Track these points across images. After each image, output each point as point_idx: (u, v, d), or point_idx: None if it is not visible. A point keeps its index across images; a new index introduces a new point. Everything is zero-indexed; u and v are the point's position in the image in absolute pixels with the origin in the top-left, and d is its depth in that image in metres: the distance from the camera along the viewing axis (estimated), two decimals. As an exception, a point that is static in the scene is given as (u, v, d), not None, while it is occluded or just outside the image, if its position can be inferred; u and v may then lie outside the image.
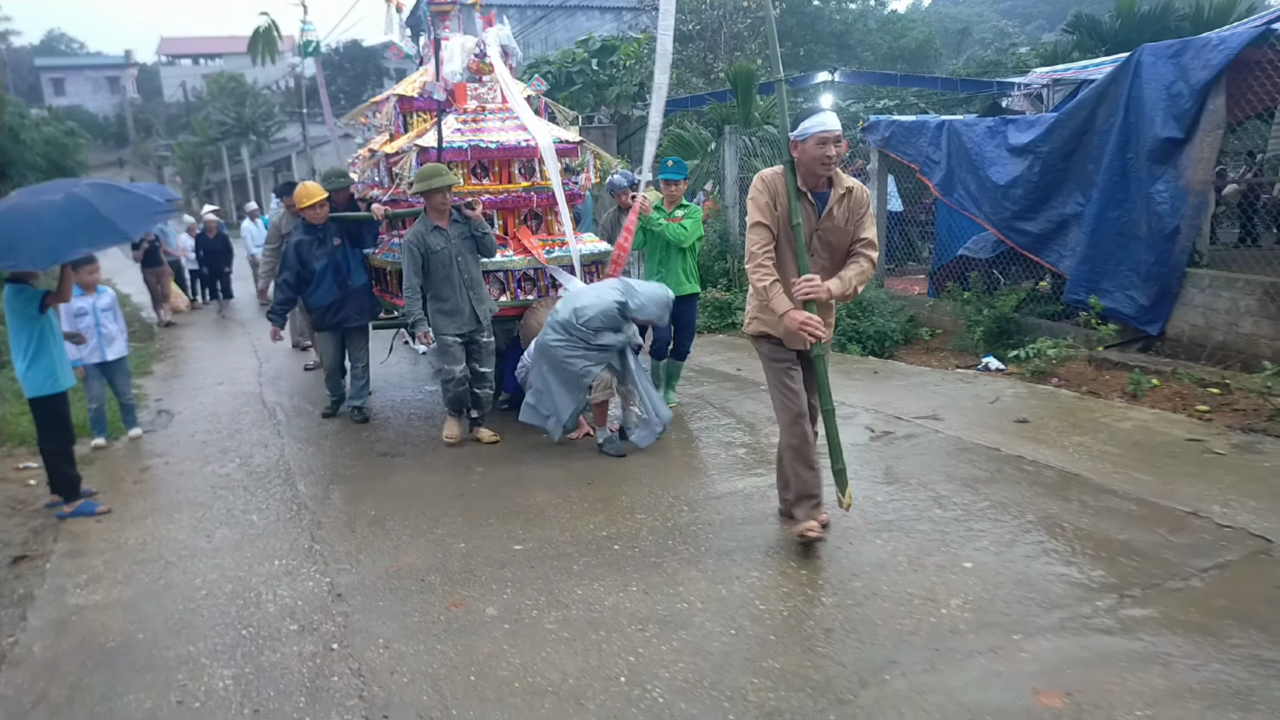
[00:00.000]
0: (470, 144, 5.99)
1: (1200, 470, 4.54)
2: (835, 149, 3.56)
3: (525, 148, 6.11)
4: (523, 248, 6.16)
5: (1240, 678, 2.79)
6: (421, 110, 6.73)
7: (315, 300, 6.37)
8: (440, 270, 5.50)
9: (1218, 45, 5.94)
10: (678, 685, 2.93)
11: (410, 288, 5.48)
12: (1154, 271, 6.42)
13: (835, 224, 3.70)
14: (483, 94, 6.48)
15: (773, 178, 3.68)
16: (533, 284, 6.19)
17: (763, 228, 3.67)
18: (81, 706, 3.00)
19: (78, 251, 4.50)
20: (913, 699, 2.79)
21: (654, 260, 6.16)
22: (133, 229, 4.65)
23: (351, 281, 6.38)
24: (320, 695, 2.99)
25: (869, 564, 3.74)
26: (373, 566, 4.02)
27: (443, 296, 5.54)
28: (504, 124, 6.30)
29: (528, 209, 6.31)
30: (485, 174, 6.22)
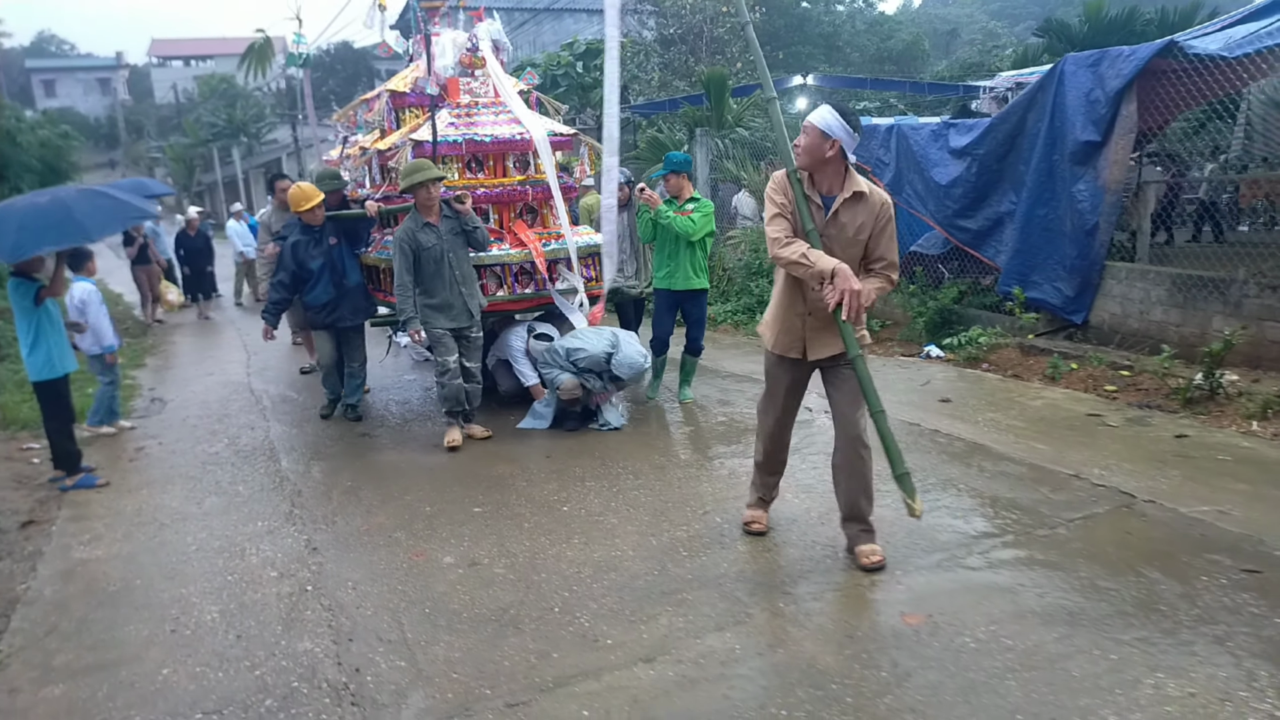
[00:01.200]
0: (465, 138, 6.02)
1: (1091, 440, 5.06)
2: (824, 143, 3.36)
3: (520, 141, 6.15)
4: (519, 241, 6.19)
5: (1075, 602, 3.30)
6: (414, 105, 6.74)
7: (311, 299, 6.36)
8: (431, 266, 5.51)
9: (1129, 56, 6.46)
10: (603, 613, 3.42)
11: (401, 285, 5.47)
12: (1077, 265, 6.94)
13: (843, 231, 3.44)
14: (475, 88, 6.49)
15: (781, 179, 3.54)
16: (529, 278, 6.19)
17: (783, 219, 3.48)
18: (88, 635, 3.47)
19: (42, 249, 4.95)
20: (798, 620, 3.29)
21: (662, 254, 6.12)
22: (96, 231, 5.13)
23: (347, 281, 6.36)
24: (295, 625, 3.47)
25: (784, 519, 4.23)
26: (346, 527, 4.49)
27: (433, 293, 5.55)
28: (497, 118, 6.33)
29: (523, 202, 6.36)
30: (480, 168, 6.23)
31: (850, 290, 3.27)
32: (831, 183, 3.46)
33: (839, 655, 3.04)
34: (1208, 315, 6.18)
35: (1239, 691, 2.70)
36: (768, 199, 3.56)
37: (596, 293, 6.30)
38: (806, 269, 3.35)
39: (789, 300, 3.62)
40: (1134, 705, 2.66)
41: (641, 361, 5.75)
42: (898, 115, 19.49)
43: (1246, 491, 4.22)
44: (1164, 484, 4.35)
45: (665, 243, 6.04)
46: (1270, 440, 4.89)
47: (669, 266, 6.06)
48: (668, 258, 6.06)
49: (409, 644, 3.27)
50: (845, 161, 3.45)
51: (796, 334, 3.61)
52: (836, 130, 3.34)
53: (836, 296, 3.28)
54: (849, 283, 3.27)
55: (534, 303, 6.32)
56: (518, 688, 2.94)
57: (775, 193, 3.52)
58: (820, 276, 3.33)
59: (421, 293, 5.56)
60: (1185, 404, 5.45)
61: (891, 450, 3.49)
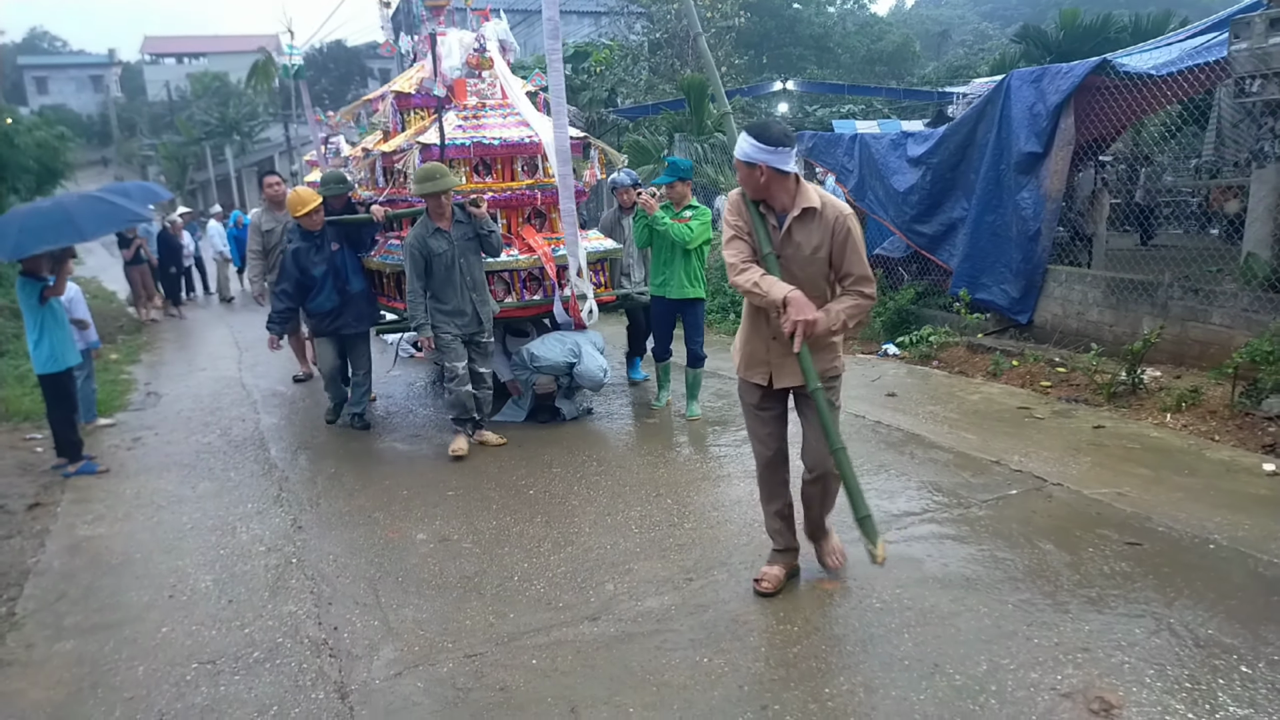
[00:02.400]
0: (473, 140, 5.95)
1: (1017, 431, 5.49)
2: (753, 171, 3.21)
3: (528, 144, 6.06)
4: (527, 246, 6.13)
5: (973, 570, 3.73)
6: (419, 107, 6.66)
7: (314, 306, 6.23)
8: (442, 273, 5.41)
9: (1067, 73, 6.90)
10: (557, 581, 3.83)
11: (413, 291, 5.38)
12: (1022, 268, 7.38)
13: (799, 250, 3.25)
14: (482, 90, 6.40)
15: (737, 199, 3.35)
16: (538, 283, 6.15)
17: (740, 241, 3.28)
18: (94, 600, 3.87)
19: (39, 248, 5.33)
20: (730, 586, 3.70)
21: (658, 261, 6.03)
22: (91, 231, 5.58)
23: (350, 287, 6.21)
24: (280, 591, 3.87)
25: (728, 501, 4.66)
26: (329, 508, 4.90)
27: (444, 299, 5.47)
28: (505, 120, 6.25)
29: (531, 207, 6.30)
30: (488, 171, 6.14)
31: (804, 321, 3.04)
32: (783, 201, 3.25)
33: (761, 615, 3.45)
34: (1138, 316, 6.62)
35: (1098, 644, 3.12)
36: (724, 221, 3.37)
37: (607, 299, 6.39)
38: (760, 297, 3.16)
39: (754, 324, 3.44)
40: (1005, 653, 3.09)
41: (600, 375, 6.05)
42: (881, 119, 20.00)
43: (1146, 476, 4.65)
44: (1074, 469, 4.79)
45: (661, 250, 5.97)
46: (1179, 431, 5.33)
47: (665, 274, 5.99)
48: (663, 265, 5.99)
49: (382, 607, 3.67)
50: (788, 178, 3.23)
51: (762, 359, 3.43)
52: (756, 155, 3.16)
53: (789, 327, 3.07)
54: (801, 312, 3.05)
55: (542, 309, 6.31)
56: (476, 641, 3.35)
57: (731, 214, 3.34)
58: (773, 306, 3.14)
59: (432, 298, 5.47)
60: (1109, 398, 5.89)
61: (853, 491, 3.31)
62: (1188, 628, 3.19)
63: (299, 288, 6.15)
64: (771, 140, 3.15)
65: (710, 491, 4.83)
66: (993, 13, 65.67)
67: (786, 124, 3.84)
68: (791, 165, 3.21)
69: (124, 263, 13.01)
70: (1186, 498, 4.35)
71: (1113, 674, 2.93)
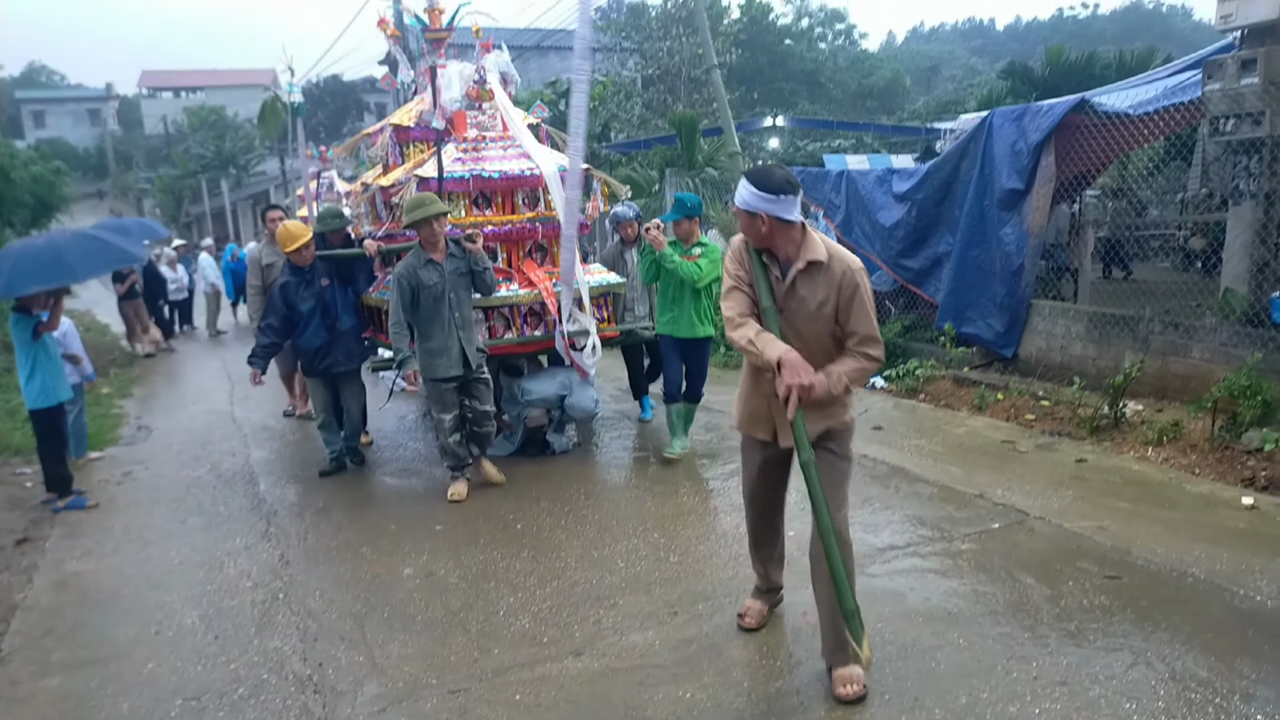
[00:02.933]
0: (472, 173, 5.86)
1: (1001, 464, 5.55)
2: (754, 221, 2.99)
3: (529, 177, 5.97)
4: (528, 281, 6.00)
5: (954, 604, 3.76)
6: (419, 140, 6.59)
7: (302, 344, 6.05)
8: (430, 306, 5.22)
9: (1047, 112, 7.05)
10: (542, 615, 3.86)
11: (396, 323, 5.22)
12: (1006, 302, 7.48)
13: (804, 305, 3.01)
14: (483, 122, 6.32)
15: (739, 247, 3.14)
16: (539, 319, 6.02)
17: (739, 293, 3.09)
18: (80, 636, 3.88)
19: (31, 288, 5.40)
20: (713, 620, 3.73)
21: (665, 298, 5.87)
22: (84, 272, 5.75)
23: (339, 324, 6.02)
24: (267, 627, 3.89)
25: (714, 535, 4.69)
26: (317, 543, 4.91)
27: (430, 335, 5.27)
28: (506, 152, 6.17)
29: (533, 240, 6.19)
30: (488, 204, 6.05)
31: (799, 385, 2.84)
32: (788, 251, 3.03)
33: (744, 649, 3.48)
34: (1120, 350, 6.71)
35: (1075, 677, 3.16)
36: (724, 270, 3.20)
37: (610, 334, 6.29)
38: (755, 355, 2.98)
39: (755, 378, 3.23)
40: (984, 687, 3.12)
41: (592, 406, 6.17)
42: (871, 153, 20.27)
43: (1127, 510, 4.71)
44: (1056, 503, 4.84)
45: (669, 287, 5.79)
46: (1160, 464, 5.40)
47: (673, 312, 5.82)
48: (671, 303, 5.82)
49: (367, 642, 3.69)
50: (793, 227, 2.99)
51: (763, 415, 3.22)
52: (757, 204, 2.94)
53: (783, 391, 2.87)
54: (796, 375, 2.84)
55: (543, 345, 6.14)
56: (460, 677, 3.37)
57: (732, 263, 3.14)
58: (768, 366, 2.95)
59: (419, 335, 5.30)
60: (1092, 432, 5.96)
61: (839, 579, 2.93)
62: (1164, 661, 3.23)
63: (285, 323, 5.97)
64: (773, 188, 2.93)
65: (696, 525, 4.87)
66: (982, 48, 66.84)
67: (785, 166, 3.63)
68: (796, 214, 2.98)
69: (118, 297, 13.06)
70: (1166, 531, 4.40)
71: (1090, 708, 2.96)
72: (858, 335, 3.02)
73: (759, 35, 41.33)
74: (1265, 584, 3.78)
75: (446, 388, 5.32)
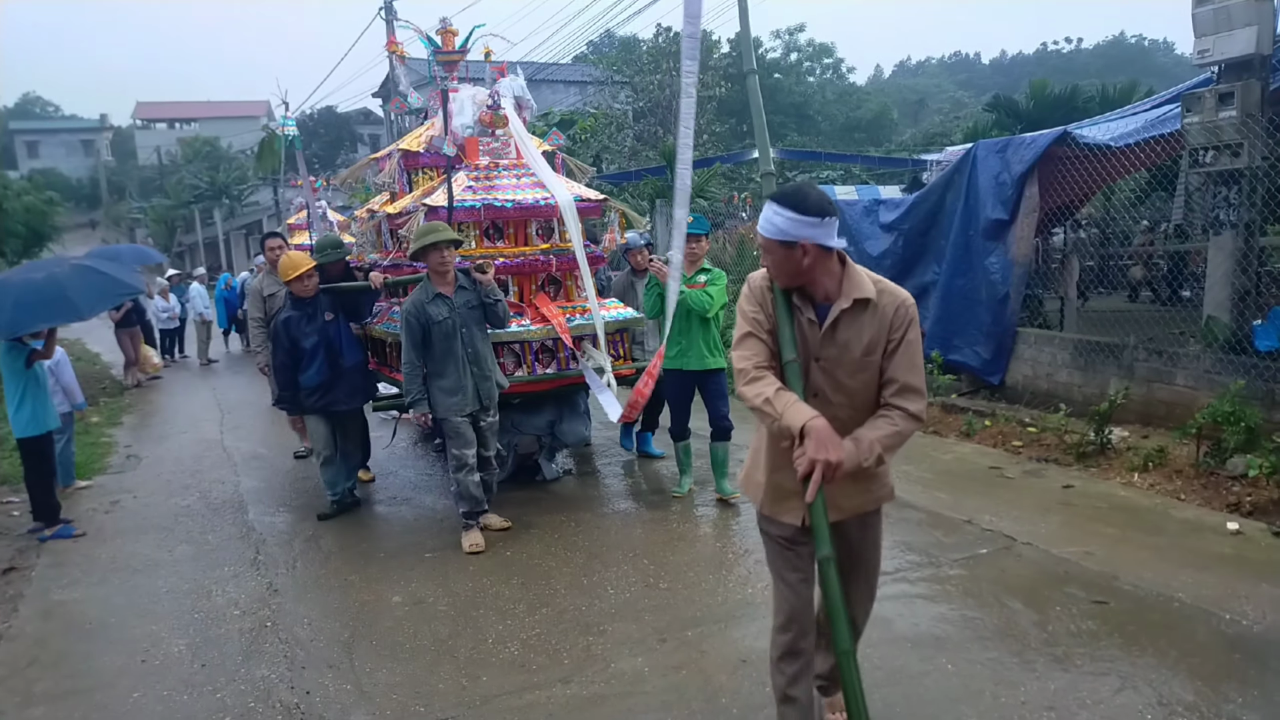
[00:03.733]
0: (483, 202, 5.59)
1: (988, 490, 5.58)
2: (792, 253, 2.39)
3: (543, 207, 5.71)
4: (540, 316, 5.71)
5: (942, 629, 3.78)
6: (428, 167, 6.33)
7: (304, 381, 5.67)
8: (442, 343, 4.93)
9: (1030, 144, 7.19)
10: (531, 642, 3.85)
11: (409, 364, 4.95)
12: (992, 331, 7.56)
13: (846, 352, 2.46)
14: (496, 149, 6.05)
15: (760, 285, 2.55)
16: (551, 356, 5.77)
17: (755, 341, 2.51)
18: (66, 666, 3.85)
19: (36, 326, 5.48)
20: (701, 646, 3.73)
21: (674, 329, 5.52)
22: (88, 310, 5.71)
23: (344, 360, 5.69)
24: (254, 655, 3.87)
25: (703, 560, 4.70)
26: (305, 571, 4.90)
27: (442, 373, 4.97)
28: (519, 181, 5.91)
29: (546, 273, 5.89)
30: (499, 236, 5.80)
31: (825, 461, 2.24)
32: (827, 288, 2.46)
33: (732, 676, 3.48)
34: (1105, 377, 6.77)
35: (1063, 702, 3.17)
36: (739, 311, 2.58)
37: (625, 372, 5.93)
38: (772, 420, 2.38)
39: (777, 446, 2.55)
40: (972, 712, 3.13)
41: (584, 433, 6.17)
42: (859, 184, 20.51)
43: (1114, 535, 4.74)
44: (1043, 528, 4.87)
45: (678, 317, 5.44)
46: (1146, 490, 5.43)
47: (680, 344, 5.52)
48: (679, 334, 5.50)
49: (355, 670, 3.67)
50: (831, 257, 2.43)
51: (792, 490, 2.48)
52: (795, 230, 2.35)
53: (804, 467, 2.27)
54: (824, 450, 2.25)
55: (555, 383, 5.86)
56: (448, 705, 3.36)
57: (748, 304, 2.55)
58: (788, 435, 2.35)
59: (431, 373, 5.01)
60: (1078, 458, 6.00)
61: (852, 701, 2.35)
62: (1151, 685, 3.24)
63: (293, 358, 5.64)
64: (813, 209, 2.35)
65: (686, 551, 4.87)
66: (968, 81, 67.94)
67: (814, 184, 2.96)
68: (836, 240, 2.41)
69: (114, 325, 13.04)
70: (1153, 556, 4.43)
71: (1076, 730, 2.98)
72: (897, 384, 2.43)
73: (749, 69, 41.93)
74: (1251, 609, 3.80)
75: (463, 422, 5.03)
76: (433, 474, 6.78)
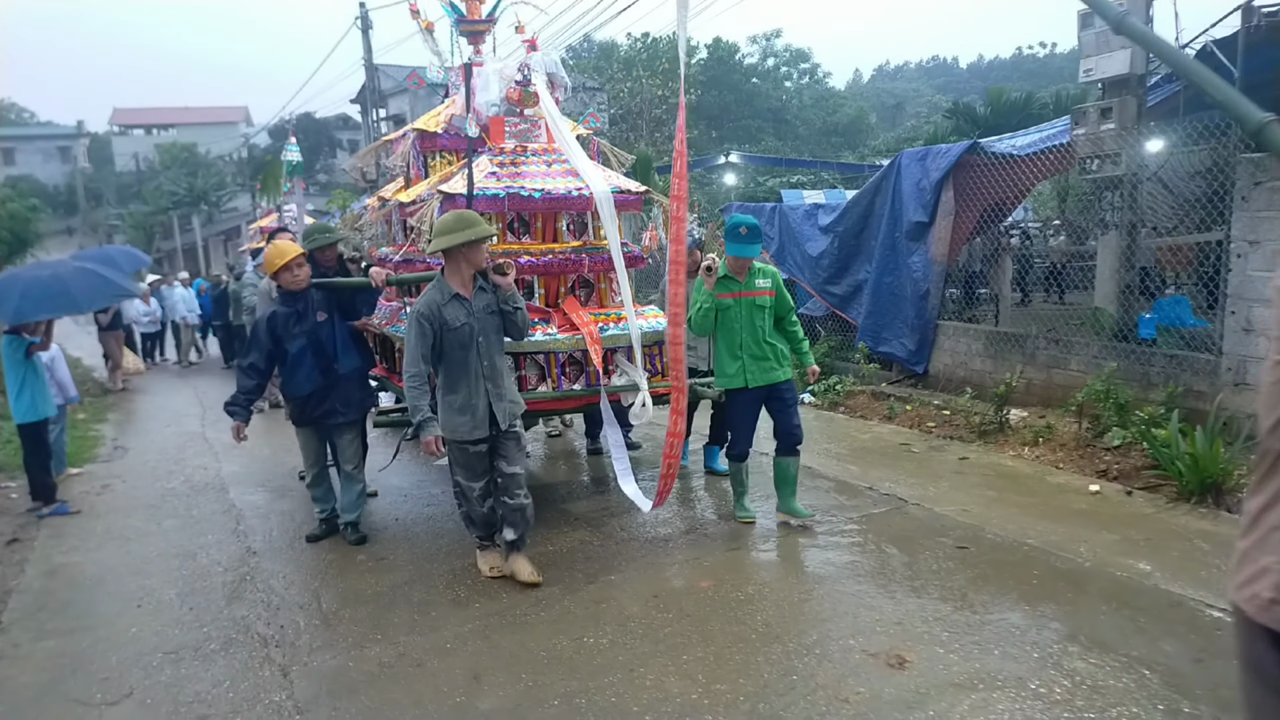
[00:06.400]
0: (508, 191, 4.96)
1: (894, 463, 6.27)
2: None
3: (576, 198, 5.08)
4: (569, 324, 5.02)
5: (826, 570, 4.44)
6: (447, 150, 5.67)
7: (291, 389, 5.04)
8: (456, 352, 4.20)
9: (945, 153, 7.89)
10: (478, 585, 4.46)
11: (415, 375, 4.14)
12: (916, 324, 8.26)
13: None
14: (524, 130, 5.41)
15: None
16: (580, 370, 5.04)
17: None
18: (71, 611, 4.44)
19: (39, 315, 6.09)
20: (622, 586, 4.36)
21: (730, 342, 4.87)
22: (86, 305, 6.43)
23: (338, 366, 5.00)
24: (235, 600, 4.47)
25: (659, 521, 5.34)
26: (280, 539, 5.49)
27: (453, 388, 4.25)
28: (550, 168, 5.26)
29: (577, 275, 5.27)
30: (525, 230, 5.17)
31: None
32: None
33: (644, 607, 4.11)
34: (1013, 364, 7.47)
35: (910, 619, 3.83)
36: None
37: (661, 391, 5.15)
38: None
39: None
40: (835, 628, 3.78)
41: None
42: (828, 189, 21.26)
43: (992, 496, 5.43)
44: (933, 492, 5.55)
45: (733, 331, 4.84)
46: (1031, 461, 6.14)
47: (741, 359, 4.85)
48: (737, 348, 4.85)
49: (323, 611, 4.28)
50: None
51: None
52: None
53: None
54: None
55: (583, 401, 5.18)
56: (400, 634, 3.98)
57: None
58: None
59: (440, 386, 4.30)
60: (980, 435, 6.70)
61: None
62: (985, 606, 3.91)
63: (270, 362, 5.01)
64: None
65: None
66: (946, 86, 68.96)
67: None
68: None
69: (99, 328, 13.51)
70: (1018, 513, 5.12)
71: (915, 639, 3.64)
72: None
73: (726, 74, 42.74)
74: (1085, 550, 4.49)
75: (474, 450, 4.31)
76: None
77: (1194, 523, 4.84)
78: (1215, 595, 3.86)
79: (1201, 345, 6.25)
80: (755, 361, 4.86)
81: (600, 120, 6.08)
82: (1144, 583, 4.09)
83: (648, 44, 34.88)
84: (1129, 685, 3.20)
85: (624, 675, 3.47)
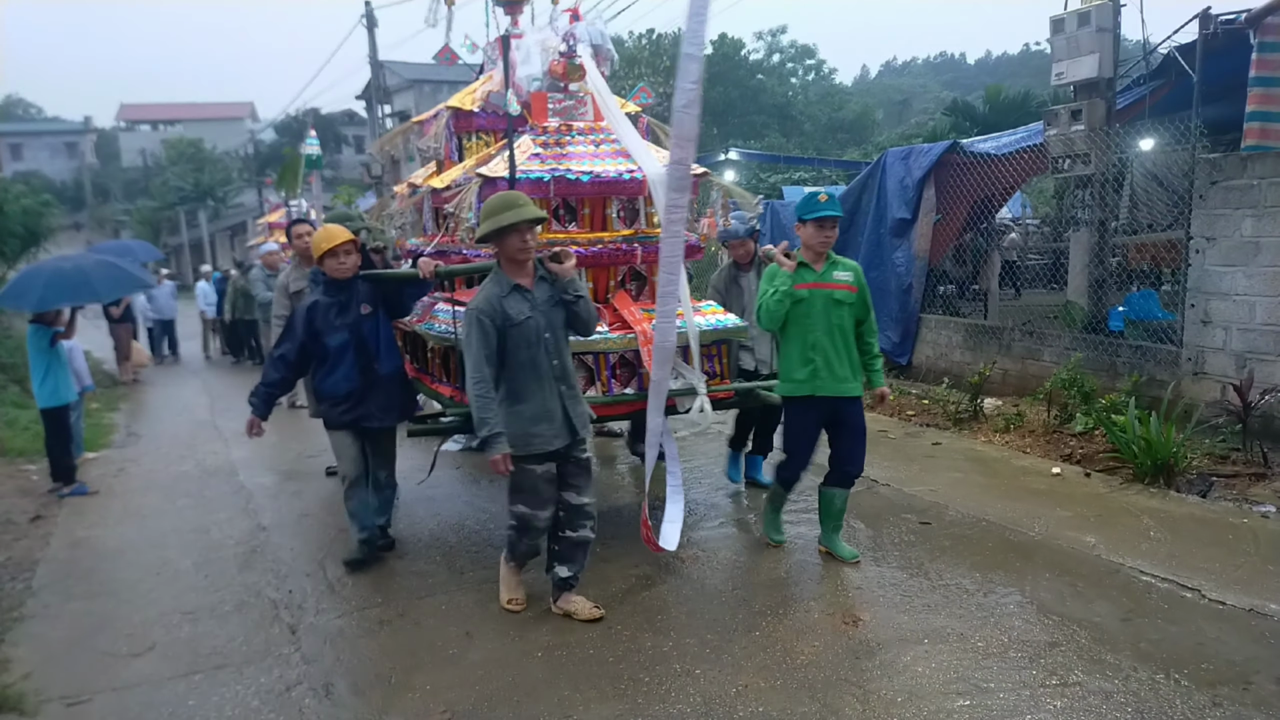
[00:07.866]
0: (553, 174, 4.55)
1: (870, 448, 6.28)
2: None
3: (627, 181, 4.65)
4: (619, 321, 4.61)
5: (798, 542, 4.77)
6: (484, 131, 5.24)
7: (327, 388, 4.58)
8: (522, 352, 3.72)
9: (927, 152, 8.21)
10: (470, 552, 4.80)
11: (480, 382, 3.64)
12: (900, 317, 8.58)
13: None
14: (569, 107, 4.93)
15: None
16: (632, 372, 4.59)
17: None
18: (95, 577, 4.79)
19: (61, 303, 6.45)
20: (610, 560, 4.67)
21: (801, 342, 4.26)
22: (106, 295, 6.86)
23: (380, 366, 4.58)
24: (247, 568, 4.82)
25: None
26: (289, 514, 5.84)
27: (521, 394, 3.74)
28: (598, 149, 4.82)
29: (628, 266, 4.81)
30: (572, 217, 4.72)
31: None
32: None
33: (626, 578, 4.43)
34: (990, 356, 7.79)
35: (868, 585, 4.16)
36: None
37: (723, 394, 4.85)
38: None
39: None
40: (797, 592, 4.12)
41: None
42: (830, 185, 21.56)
43: (958, 478, 5.75)
44: (903, 473, 5.87)
45: (806, 329, 4.24)
46: (1001, 446, 6.45)
47: (814, 361, 4.25)
48: (809, 348, 4.25)
49: (328, 578, 4.63)
50: None
51: None
52: None
53: None
54: None
55: (635, 407, 4.55)
56: (400, 597, 4.32)
57: None
58: None
59: (505, 397, 3.75)
60: (955, 423, 7.01)
61: None
62: (939, 574, 4.24)
63: (303, 356, 4.56)
64: None
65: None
66: (954, 82, 68.92)
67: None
68: None
69: (110, 320, 13.85)
70: (981, 492, 5.44)
71: (871, 602, 3.97)
72: None
73: (731, 70, 42.90)
74: (1038, 525, 4.81)
75: (544, 470, 3.80)
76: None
77: (1143, 501, 5.16)
78: (1151, 564, 4.19)
79: (1165, 337, 6.56)
80: (828, 368, 4.25)
81: (652, 96, 5.51)
82: (1087, 553, 4.41)
83: (652, 40, 35.13)
84: (1059, 639, 3.53)
85: (602, 631, 3.80)
